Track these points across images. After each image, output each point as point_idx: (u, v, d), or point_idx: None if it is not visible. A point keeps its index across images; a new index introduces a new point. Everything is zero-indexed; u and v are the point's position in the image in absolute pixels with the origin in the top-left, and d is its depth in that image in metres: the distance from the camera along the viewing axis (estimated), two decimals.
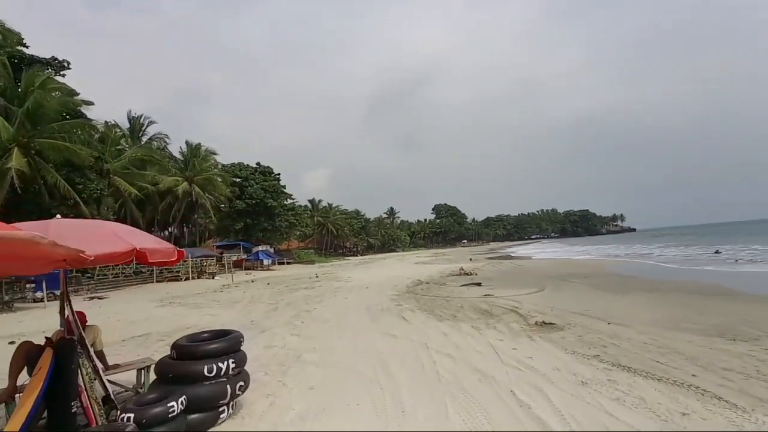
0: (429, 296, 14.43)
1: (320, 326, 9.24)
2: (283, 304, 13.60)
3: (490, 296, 13.69)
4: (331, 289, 18.75)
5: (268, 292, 18.76)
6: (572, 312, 9.75)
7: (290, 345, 7.44)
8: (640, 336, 6.89)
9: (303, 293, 17.23)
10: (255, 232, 49.97)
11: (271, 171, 52.76)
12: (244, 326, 9.55)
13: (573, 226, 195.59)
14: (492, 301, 12.40)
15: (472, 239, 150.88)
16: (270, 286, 21.87)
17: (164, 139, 41.27)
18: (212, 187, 38.59)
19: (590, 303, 11.30)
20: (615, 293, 13.26)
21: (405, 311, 11.09)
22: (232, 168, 49.40)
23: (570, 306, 10.79)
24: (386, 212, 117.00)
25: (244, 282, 26.27)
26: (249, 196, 47.60)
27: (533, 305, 11.22)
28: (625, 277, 19.15)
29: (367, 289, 17.74)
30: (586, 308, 10.24)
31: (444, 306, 11.85)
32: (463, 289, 16.31)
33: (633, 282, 16.74)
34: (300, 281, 24.80)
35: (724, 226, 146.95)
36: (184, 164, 38.48)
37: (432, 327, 8.61)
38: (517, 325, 8.43)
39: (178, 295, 18.70)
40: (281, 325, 9.52)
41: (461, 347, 6.71)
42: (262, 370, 5.80)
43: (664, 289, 13.83)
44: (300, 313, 11.41)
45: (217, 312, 12.27)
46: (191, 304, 14.43)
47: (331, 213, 79.92)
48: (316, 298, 14.97)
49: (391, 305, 12.43)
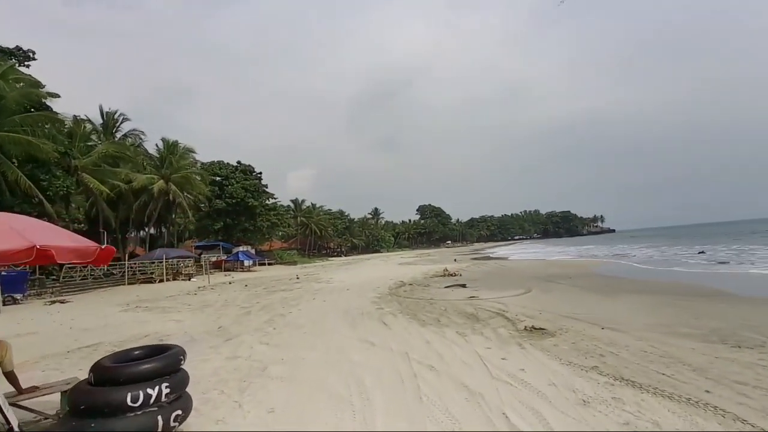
0: (412, 299, 13.79)
1: (293, 333, 8.49)
2: (257, 308, 12.78)
3: (475, 298, 13.13)
4: (311, 291, 17.96)
5: (244, 294, 17.86)
6: (562, 315, 9.22)
7: (257, 355, 6.68)
8: (638, 343, 6.35)
9: (280, 296, 16.41)
10: (235, 233, 48.71)
11: (252, 170, 51.54)
12: (210, 333, 8.75)
13: (555, 227, 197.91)
14: (477, 304, 11.82)
15: (456, 240, 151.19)
16: (247, 288, 20.96)
17: (140, 136, 39.77)
18: (190, 186, 37.24)
19: (580, 305, 10.81)
20: (604, 295, 12.83)
21: (386, 315, 10.41)
22: (212, 166, 48.05)
23: (559, 309, 10.27)
24: (370, 213, 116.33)
25: (221, 284, 25.25)
26: (229, 196, 46.35)
27: (521, 308, 10.68)
28: (611, 278, 18.86)
29: (347, 291, 17.01)
30: (577, 311, 9.72)
31: (427, 309, 11.22)
32: (448, 291, 15.73)
33: (620, 283, 16.42)
34: (279, 283, 23.91)
35: (701, 227, 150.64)
36: (160, 162, 37.04)
37: (414, 333, 7.96)
38: (506, 330, 7.83)
39: (148, 298, 17.65)
40: (251, 332, 8.74)
41: (445, 357, 6.07)
42: (218, 388, 5.05)
43: (653, 291, 13.48)
44: (274, 318, 10.62)
45: (184, 317, 11.38)
46: (158, 309, 13.48)
47: (315, 213, 78.76)
48: (293, 301, 14.17)
49: (371, 309, 11.74)
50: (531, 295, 13.41)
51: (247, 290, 19.87)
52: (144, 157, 37.06)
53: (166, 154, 36.86)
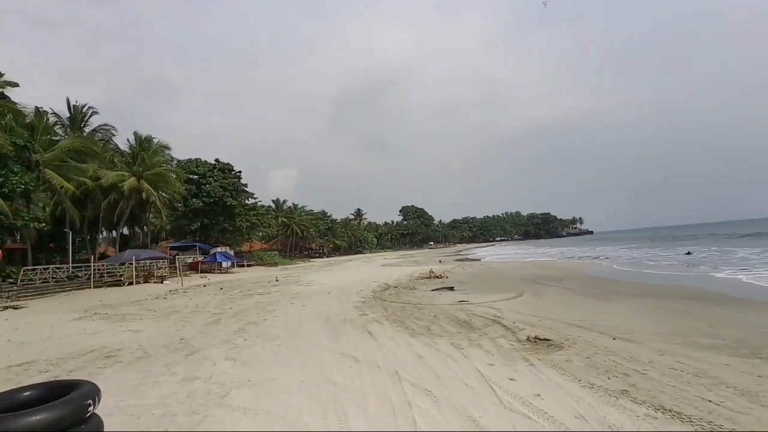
0: (398, 303, 12.86)
1: (266, 345, 7.45)
2: (229, 315, 11.64)
3: (465, 303, 12.28)
4: (290, 294, 16.85)
5: (218, 298, 16.64)
6: (564, 323, 8.42)
7: (219, 375, 5.63)
8: (662, 358, 5.56)
9: (257, 300, 15.26)
10: (213, 233, 46.97)
11: (231, 168, 49.84)
12: (170, 346, 7.63)
13: (535, 228, 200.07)
14: (469, 309, 10.97)
15: (438, 241, 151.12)
16: (222, 292, 19.71)
17: (110, 131, 37.83)
18: (164, 184, 35.46)
19: (579, 311, 10.06)
20: (600, 299, 12.15)
21: (371, 323, 9.45)
22: (188, 164, 46.16)
23: (558, 314, 9.49)
24: (353, 213, 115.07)
25: (195, 286, 23.88)
26: (206, 195, 44.58)
27: (516, 314, 9.87)
28: (602, 279, 18.31)
29: (329, 295, 15.97)
30: (578, 317, 8.95)
31: (416, 315, 10.31)
32: (435, 295, 14.86)
33: (612, 285, 15.84)
34: (257, 285, 22.69)
35: (677, 228, 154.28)
36: (132, 158, 35.21)
37: (403, 345, 7.02)
38: (506, 341, 6.97)
39: (111, 303, 16.25)
40: (218, 344, 7.66)
41: (443, 377, 5.14)
42: (161, 425, 4.00)
43: (649, 294, 12.87)
44: (246, 327, 9.53)
45: (144, 326, 10.16)
46: (117, 316, 12.18)
47: (296, 214, 77.13)
48: (269, 306, 13.07)
49: (354, 315, 10.76)
50: (524, 299, 12.64)
51: (222, 294, 18.62)
52: (114, 152, 35.16)
53: (138, 150, 35.03)
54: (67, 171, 26.97)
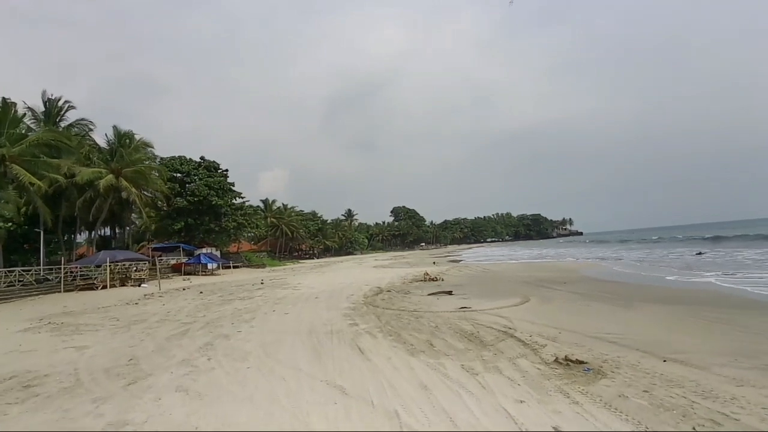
0: (393, 310, 11.49)
1: (232, 369, 6.02)
2: (199, 325, 10.17)
3: (467, 310, 10.96)
4: (273, 300, 15.38)
5: (194, 304, 15.13)
6: (590, 336, 7.12)
7: (158, 419, 4.21)
8: (744, 391, 4.26)
9: (235, 306, 13.78)
10: (198, 234, 45.13)
11: (217, 166, 48.03)
12: (112, 370, 6.17)
13: (526, 229, 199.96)
14: (473, 318, 9.64)
15: (430, 242, 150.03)
16: (201, 296, 18.16)
17: (88, 126, 35.98)
18: (144, 182, 33.64)
19: (600, 320, 8.78)
20: (619, 305, 10.87)
21: (362, 336, 8.07)
22: (172, 162, 44.29)
23: (578, 325, 8.20)
24: (344, 214, 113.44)
25: (174, 290, 22.29)
26: (191, 193, 42.77)
27: (529, 324, 8.56)
28: (613, 283, 17.06)
29: (316, 301, 14.54)
30: (603, 329, 7.66)
31: (413, 326, 8.95)
32: (433, 300, 13.52)
33: (626, 290, 14.61)
34: (240, 289, 21.18)
35: (669, 229, 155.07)
36: (110, 155, 33.37)
37: (402, 368, 5.65)
38: (529, 363, 5.64)
39: (74, 310, 14.65)
40: (173, 367, 6.22)
41: (460, 423, 3.79)
42: None
43: (675, 300, 11.58)
44: (215, 341, 8.09)
45: (95, 341, 8.65)
46: (72, 327, 10.62)
47: (286, 214, 75.31)
48: (247, 315, 11.60)
49: (343, 325, 9.37)
50: (532, 306, 11.35)
51: (200, 298, 17.10)
52: (91, 148, 33.29)
53: (116, 146, 33.20)
54: (36, 166, 25.17)
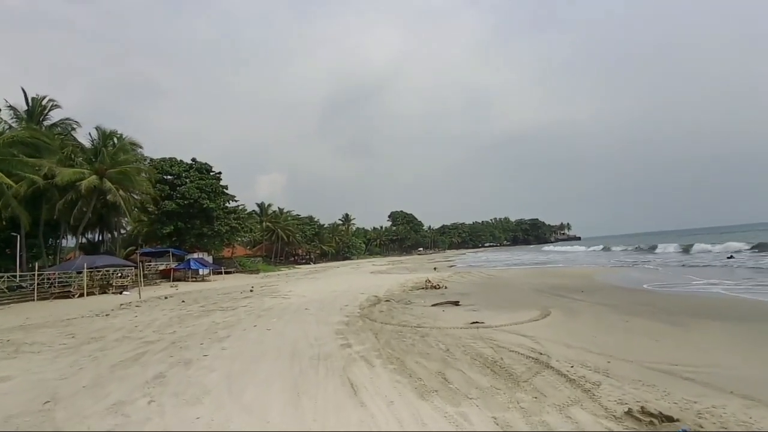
0: (393, 325, 9.90)
1: (173, 420, 4.43)
2: (163, 344, 8.56)
3: (480, 325, 9.39)
4: (257, 311, 13.77)
5: (170, 315, 13.50)
6: (653, 368, 5.55)
7: None
8: None
9: (214, 319, 12.16)
10: (189, 238, 43.41)
11: (209, 168, 46.41)
12: (12, 420, 4.55)
13: (524, 234, 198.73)
14: (490, 336, 8.08)
15: (428, 247, 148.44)
16: (181, 306, 16.54)
17: (71, 125, 34.39)
18: (130, 184, 31.96)
19: (655, 344, 7.18)
20: (668, 323, 9.19)
21: (356, 364, 6.49)
22: (162, 163, 42.67)
23: (628, 351, 6.61)
24: (341, 218, 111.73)
25: (156, 298, 20.60)
26: (181, 196, 41.08)
27: (563, 346, 6.99)
28: (643, 292, 15.14)
29: (306, 312, 12.94)
30: (668, 358, 6.09)
31: (419, 348, 7.37)
32: (438, 312, 11.94)
33: (667, 301, 12.88)
34: (227, 297, 19.53)
35: (666, 234, 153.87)
36: (94, 155, 31.74)
37: (410, 420, 4.08)
38: (590, 416, 4.07)
39: (34, 323, 12.99)
40: (97, 416, 4.61)
41: None
42: None
43: (741, 316, 9.86)
44: (169, 371, 6.48)
45: (26, 368, 7.00)
46: (13, 346, 8.95)
47: (282, 218, 73.64)
48: (224, 330, 9.99)
49: (333, 346, 7.78)
50: (556, 321, 9.79)
51: (179, 308, 15.48)
52: (74, 147, 31.65)
53: (100, 145, 31.58)
54: (12, 166, 23.55)
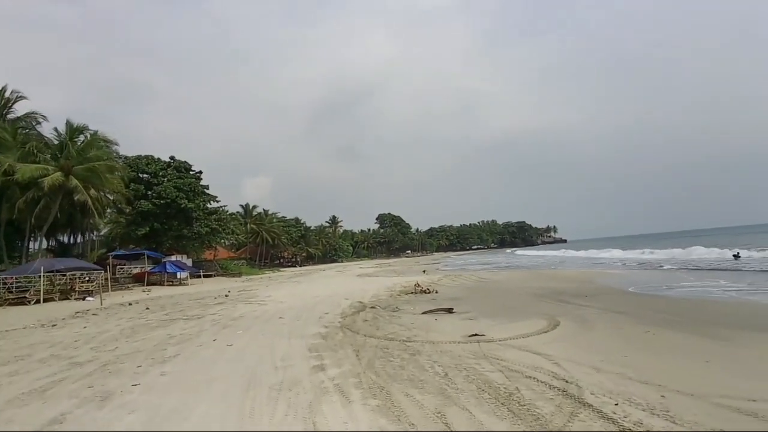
0: (377, 339, 8.36)
1: None
2: (93, 367, 6.89)
3: (481, 339, 7.92)
4: (226, 320, 12.10)
5: (124, 326, 11.77)
6: (725, 405, 4.15)
7: None
8: None
9: (171, 331, 10.47)
10: (166, 239, 41.24)
11: (188, 167, 44.32)
12: None
13: (511, 236, 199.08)
14: (495, 354, 6.61)
15: (415, 249, 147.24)
16: (143, 314, 14.79)
17: (36, 119, 32.22)
18: (99, 181, 29.80)
19: (704, 365, 5.82)
20: (706, 336, 7.78)
21: (327, 397, 4.93)
22: (137, 161, 40.50)
23: (677, 377, 5.21)
24: (328, 221, 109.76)
25: (119, 305, 18.74)
26: (157, 195, 38.92)
27: (591, 369, 5.55)
28: (660, 299, 13.72)
29: (279, 322, 11.31)
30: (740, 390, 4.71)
31: (410, 371, 5.86)
32: (430, 321, 10.45)
33: (692, 309, 11.59)
34: (198, 303, 17.79)
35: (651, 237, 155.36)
36: (60, 150, 29.56)
37: None
38: None
39: None
40: None
41: None
42: None
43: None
44: (75, 412, 4.86)
45: None
46: None
47: (267, 220, 71.45)
48: (176, 346, 8.33)
49: (303, 369, 6.21)
50: (569, 333, 8.37)
51: (138, 317, 13.73)
52: (37, 143, 29.44)
53: (66, 140, 29.41)
54: None
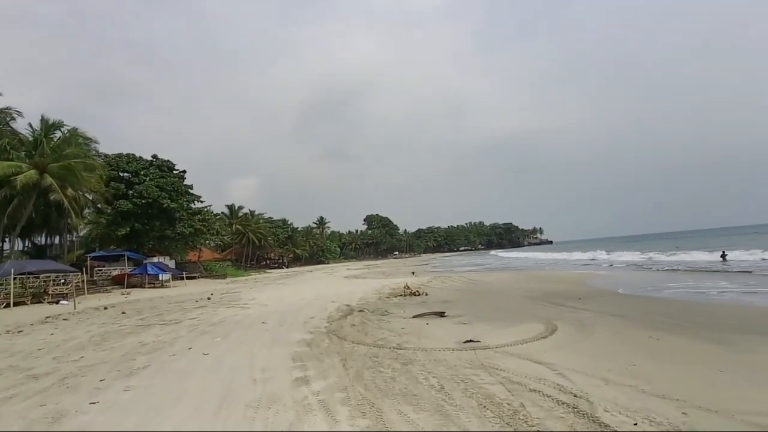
0: (366, 346, 7.81)
1: None
2: (51, 380, 6.20)
3: (477, 345, 7.43)
4: (205, 325, 11.41)
5: (93, 333, 11.02)
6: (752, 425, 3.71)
7: None
8: None
9: (144, 337, 9.77)
10: (147, 240, 40.03)
11: (171, 166, 43.17)
12: None
13: (498, 238, 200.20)
14: (493, 363, 6.13)
15: (403, 251, 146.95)
16: (117, 319, 14.04)
17: (11, 114, 30.87)
18: (75, 180, 28.65)
19: (719, 375, 5.40)
20: (713, 342, 7.38)
21: (310, 416, 4.36)
22: (117, 159, 39.25)
23: (705, 391, 4.75)
24: (315, 222, 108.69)
25: (94, 309, 17.88)
26: (138, 195, 37.73)
27: (600, 381, 5.09)
28: (657, 301, 13.41)
29: (261, 327, 10.68)
30: (759, 405, 4.29)
31: (402, 385, 5.32)
32: (421, 326, 9.92)
33: (692, 311, 11.22)
34: (178, 307, 17.03)
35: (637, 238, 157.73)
36: (34, 147, 28.38)
37: None
38: None
39: None
40: None
41: None
42: None
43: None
44: None
45: None
46: None
47: (253, 221, 70.25)
48: (146, 356, 7.66)
49: (285, 382, 5.63)
50: (567, 338, 7.92)
51: (112, 322, 12.97)
52: (10, 139, 28.21)
53: (41, 137, 28.24)
54: None
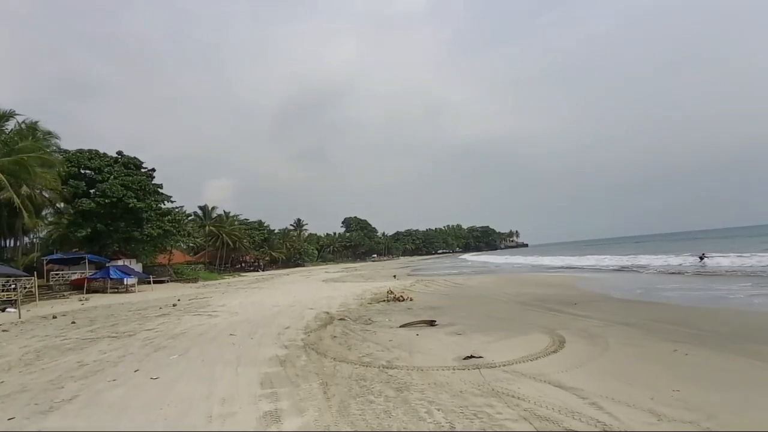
0: (351, 364, 6.64)
1: None
2: None
3: (481, 363, 6.37)
4: (164, 337, 9.97)
5: (29, 348, 9.47)
6: None
7: None
8: None
9: (86, 355, 8.31)
10: (111, 242, 37.58)
11: (139, 164, 40.87)
12: None
13: (476, 241, 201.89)
14: (505, 387, 5.06)
15: (382, 253, 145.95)
16: (66, 329, 12.44)
17: None
18: (27, 176, 26.34)
19: (758, 397, 4.52)
20: (741, 354, 6.62)
21: None
22: (78, 155, 36.74)
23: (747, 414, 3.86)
24: (293, 224, 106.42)
25: (41, 318, 16.05)
26: (101, 194, 35.27)
27: (647, 414, 4.07)
28: (662, 306, 12.58)
29: (229, 339, 9.34)
30: None
31: (399, 419, 4.16)
32: (411, 338, 8.79)
33: (704, 318, 10.42)
34: (137, 315, 15.41)
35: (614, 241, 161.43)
36: None
37: None
38: None
39: None
40: None
41: None
42: None
43: None
44: None
45: None
46: None
47: (228, 222, 67.83)
48: (78, 382, 6.27)
49: (250, 418, 4.39)
50: (580, 353, 6.95)
51: (56, 335, 11.36)
52: None
53: None
54: None
